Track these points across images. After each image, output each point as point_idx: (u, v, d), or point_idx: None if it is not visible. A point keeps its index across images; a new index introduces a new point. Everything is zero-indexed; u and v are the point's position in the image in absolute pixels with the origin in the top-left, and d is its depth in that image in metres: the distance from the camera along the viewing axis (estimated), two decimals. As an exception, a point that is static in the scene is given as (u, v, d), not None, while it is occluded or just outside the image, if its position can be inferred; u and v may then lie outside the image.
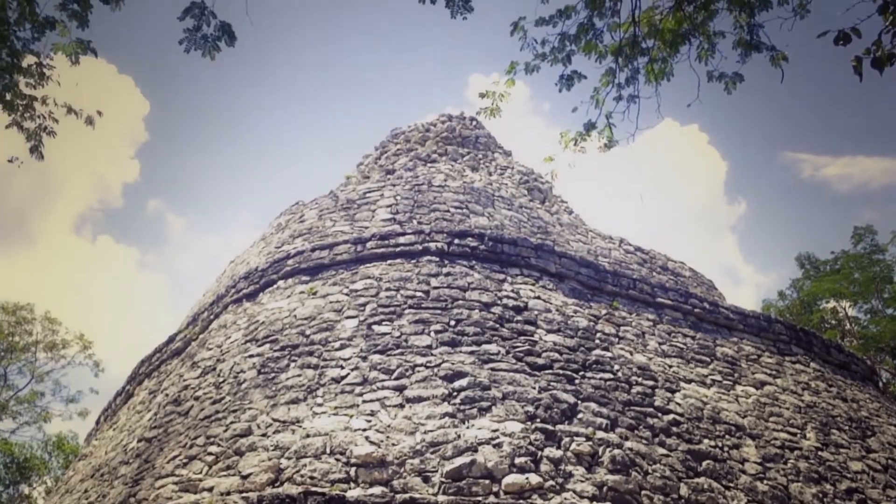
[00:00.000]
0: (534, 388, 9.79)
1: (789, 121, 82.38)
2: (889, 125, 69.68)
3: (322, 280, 12.42)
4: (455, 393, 9.45)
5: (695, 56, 8.29)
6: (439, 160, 19.48)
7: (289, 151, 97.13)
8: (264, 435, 8.97)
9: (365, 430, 8.77)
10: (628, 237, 17.29)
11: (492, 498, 8.05)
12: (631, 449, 9.32)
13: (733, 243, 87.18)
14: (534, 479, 8.30)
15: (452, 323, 10.89)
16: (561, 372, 10.36)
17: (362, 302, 11.43)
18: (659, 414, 10.38)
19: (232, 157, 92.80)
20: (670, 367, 11.88)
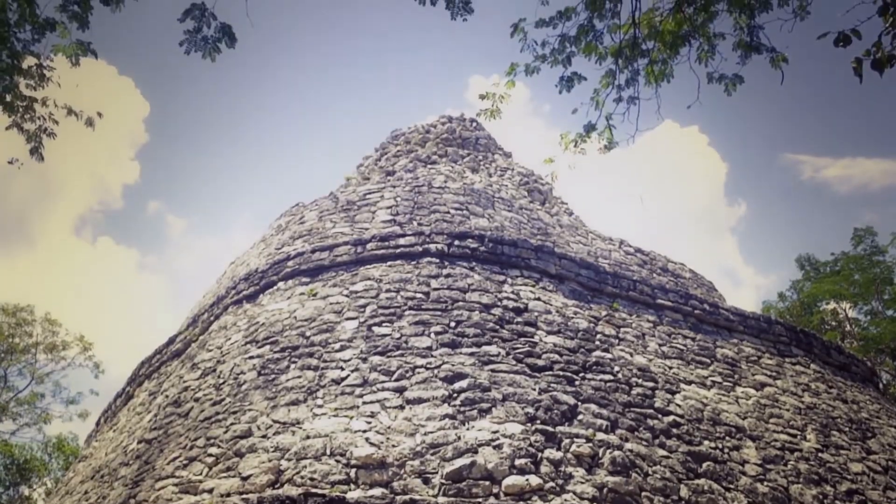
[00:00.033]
0: (534, 390, 9.79)
1: (789, 122, 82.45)
2: (889, 127, 69.73)
3: (322, 281, 12.42)
4: (455, 394, 9.45)
5: (695, 58, 8.29)
6: (439, 162, 19.49)
7: (289, 153, 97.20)
8: (264, 436, 8.97)
9: (365, 432, 8.77)
10: (628, 238, 17.28)
11: (492, 499, 8.05)
12: (631, 450, 9.32)
13: (733, 245, 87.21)
14: (534, 481, 8.30)
15: (452, 324, 10.89)
16: (561, 373, 10.36)
17: (362, 303, 11.44)
18: (659, 415, 10.38)
19: (232, 159, 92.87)
20: (670, 369, 11.88)
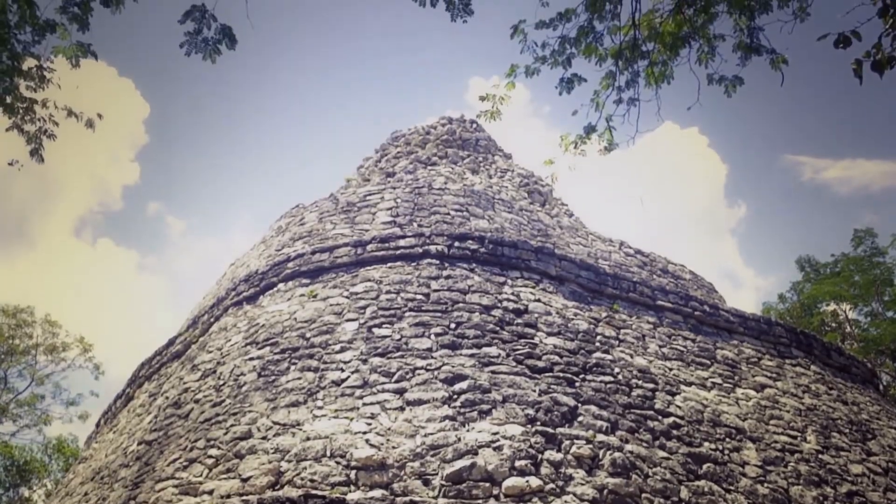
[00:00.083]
0: (534, 391, 9.78)
1: (789, 124, 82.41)
2: (889, 128, 69.71)
3: (322, 283, 12.42)
4: (455, 396, 9.45)
5: (695, 59, 8.29)
6: (439, 163, 19.48)
7: (289, 154, 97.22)
8: (264, 438, 8.97)
9: (365, 433, 8.77)
10: (628, 240, 17.29)
11: (492, 501, 8.05)
12: (631, 452, 9.31)
13: (733, 246, 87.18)
14: (534, 482, 8.30)
15: (453, 326, 10.89)
16: (561, 375, 10.36)
17: (362, 305, 11.43)
18: (659, 417, 10.37)
19: (232, 160, 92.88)
20: (671, 370, 11.88)
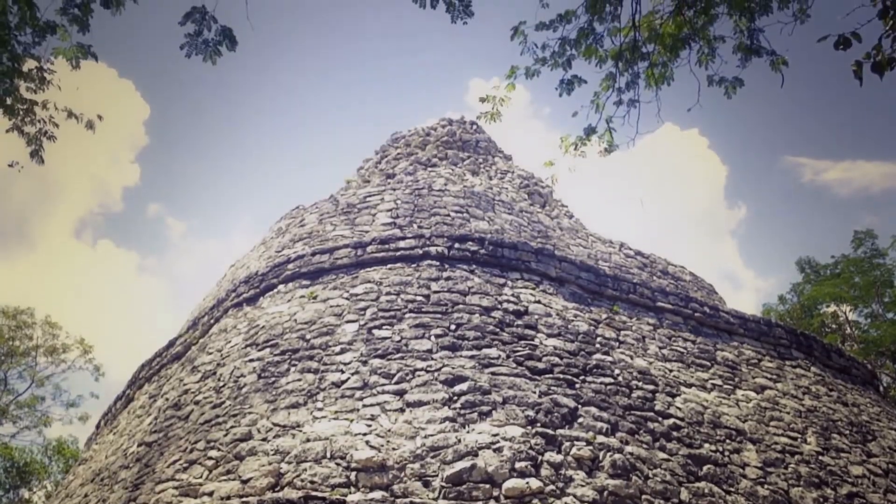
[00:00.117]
0: (534, 393, 9.78)
1: (789, 125, 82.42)
2: (889, 129, 69.72)
3: (322, 284, 12.42)
4: (455, 397, 9.44)
5: (695, 60, 8.29)
6: (440, 164, 19.49)
7: (289, 156, 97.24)
8: (265, 439, 8.97)
9: (365, 435, 8.77)
10: (628, 241, 17.28)
11: (492, 502, 8.04)
12: (631, 453, 9.31)
13: (733, 248, 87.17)
14: (534, 484, 8.29)
15: (453, 327, 10.89)
16: (561, 376, 10.36)
17: (363, 306, 11.43)
18: (659, 418, 10.37)
19: (232, 162, 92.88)
20: (671, 372, 11.88)
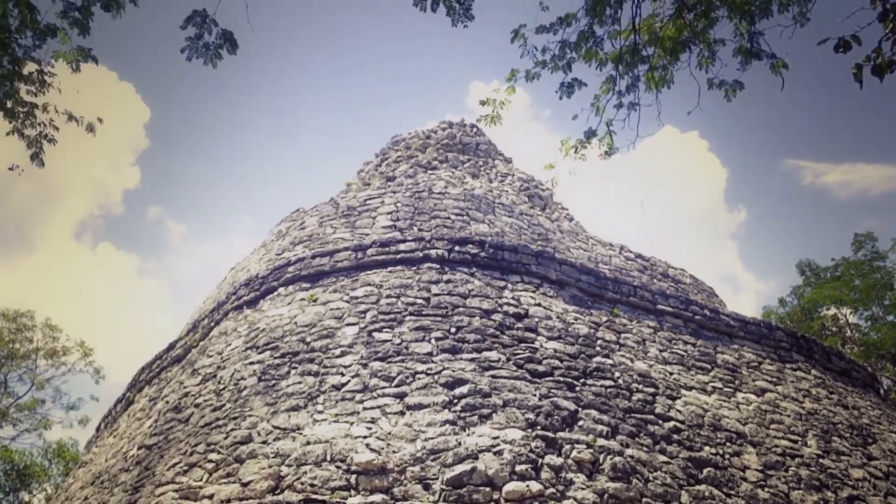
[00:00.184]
0: (534, 396, 9.77)
1: (790, 128, 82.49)
2: (889, 132, 69.78)
3: (323, 287, 12.42)
4: (456, 400, 9.44)
5: (695, 63, 8.30)
6: (440, 167, 19.50)
7: (289, 158, 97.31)
8: (265, 442, 8.96)
9: (365, 438, 8.76)
10: (629, 244, 17.28)
11: (492, 505, 8.03)
12: (632, 456, 9.30)
13: (733, 250, 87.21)
14: (534, 487, 8.28)
15: (453, 330, 10.88)
16: (562, 379, 10.35)
17: (363, 309, 11.43)
18: (660, 421, 10.36)
19: (233, 164, 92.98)
20: (671, 375, 11.87)
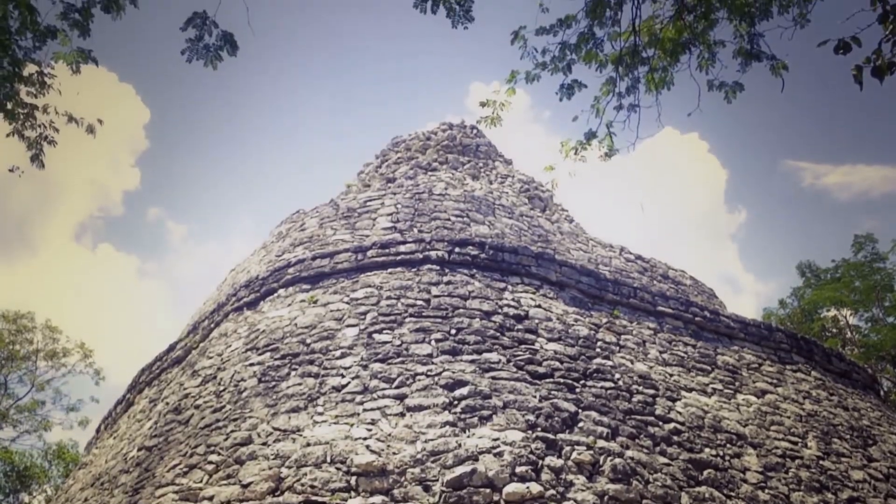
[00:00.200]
0: (534, 397, 9.77)
1: (789, 129, 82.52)
2: (889, 134, 69.81)
3: (323, 288, 12.42)
4: (456, 402, 9.43)
5: (695, 65, 8.30)
6: (440, 168, 19.50)
7: (289, 159, 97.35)
8: (265, 443, 8.95)
9: (365, 439, 8.76)
10: (629, 245, 17.28)
11: (492, 507, 8.02)
12: (632, 458, 9.29)
13: (734, 252, 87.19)
14: (535, 488, 8.27)
15: (453, 331, 10.88)
16: (562, 380, 10.35)
17: (363, 310, 11.43)
18: (660, 423, 10.36)
19: (232, 166, 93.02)
20: (671, 376, 11.87)
